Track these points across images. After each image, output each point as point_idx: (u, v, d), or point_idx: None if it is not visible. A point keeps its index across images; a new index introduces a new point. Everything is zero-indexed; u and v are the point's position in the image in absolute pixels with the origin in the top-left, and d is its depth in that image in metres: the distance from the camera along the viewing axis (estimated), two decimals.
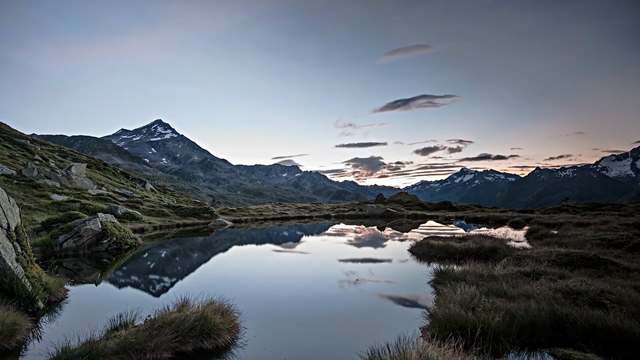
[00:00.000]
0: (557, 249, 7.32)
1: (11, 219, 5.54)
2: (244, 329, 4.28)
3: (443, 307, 4.15)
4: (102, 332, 3.78)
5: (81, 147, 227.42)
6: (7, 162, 23.49)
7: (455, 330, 3.63)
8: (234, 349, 3.81)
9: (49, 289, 5.33)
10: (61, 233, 9.72)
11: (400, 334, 3.36)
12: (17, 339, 3.86)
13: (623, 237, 8.90)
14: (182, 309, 4.17)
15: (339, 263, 8.74)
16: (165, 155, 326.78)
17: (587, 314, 3.78)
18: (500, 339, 3.56)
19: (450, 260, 8.33)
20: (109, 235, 10.28)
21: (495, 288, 4.86)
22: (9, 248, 5.11)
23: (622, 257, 7.20)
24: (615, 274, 5.78)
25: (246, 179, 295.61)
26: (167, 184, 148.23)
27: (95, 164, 38.95)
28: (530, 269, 5.90)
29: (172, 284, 6.91)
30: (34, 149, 31.87)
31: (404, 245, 11.59)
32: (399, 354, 2.96)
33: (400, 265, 8.52)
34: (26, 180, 18.56)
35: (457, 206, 31.61)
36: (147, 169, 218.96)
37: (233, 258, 10.09)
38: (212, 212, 21.35)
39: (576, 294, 4.48)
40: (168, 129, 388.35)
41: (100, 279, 7.14)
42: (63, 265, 8.26)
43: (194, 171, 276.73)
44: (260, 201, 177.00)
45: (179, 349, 3.63)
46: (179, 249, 11.65)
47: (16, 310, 4.24)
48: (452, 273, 6.04)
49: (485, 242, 9.08)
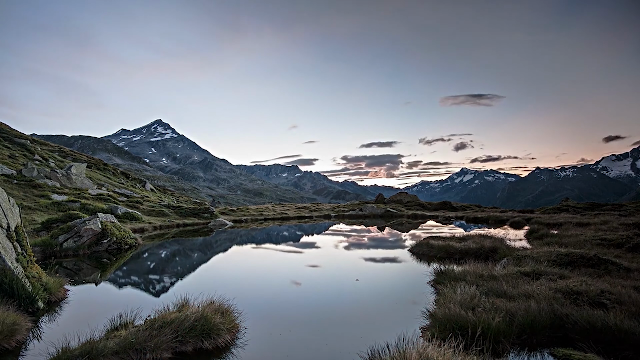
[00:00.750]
0: (557, 249, 7.32)
1: (11, 219, 5.54)
2: (244, 329, 4.28)
3: (443, 307, 4.14)
4: (102, 332, 3.77)
5: (81, 147, 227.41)
6: (7, 162, 23.49)
7: (455, 330, 3.63)
8: (234, 349, 3.81)
9: (49, 289, 5.33)
10: (61, 233, 9.72)
11: (400, 334, 3.36)
12: (17, 339, 3.85)
13: (623, 237, 8.90)
14: (182, 309, 4.17)
15: (339, 263, 8.74)
16: (165, 155, 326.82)
17: (587, 314, 3.77)
18: (500, 339, 3.56)
19: (450, 260, 8.33)
20: (109, 235, 10.28)
21: (495, 288, 4.86)
22: (9, 248, 5.11)
23: (622, 257, 7.20)
24: (616, 274, 5.78)
25: (246, 179, 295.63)
26: (167, 184, 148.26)
27: (95, 164, 38.96)
28: (530, 269, 5.89)
29: (172, 284, 6.91)
30: (34, 149, 31.87)
31: (404, 245, 11.59)
32: (399, 354, 2.96)
33: (400, 265, 8.51)
34: (26, 180, 18.56)
35: (457, 206, 31.60)
36: (147, 169, 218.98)
37: (233, 258, 10.09)
38: (212, 212, 21.35)
39: (576, 294, 4.48)
40: (168, 129, 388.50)
41: (100, 279, 7.14)
42: (63, 265, 8.26)
43: (194, 171, 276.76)
44: (260, 201, 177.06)
45: (179, 349, 3.63)
46: (179, 249, 11.65)
47: (16, 310, 4.24)
48: (452, 273, 6.04)
49: (485, 242, 9.07)
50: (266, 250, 11.23)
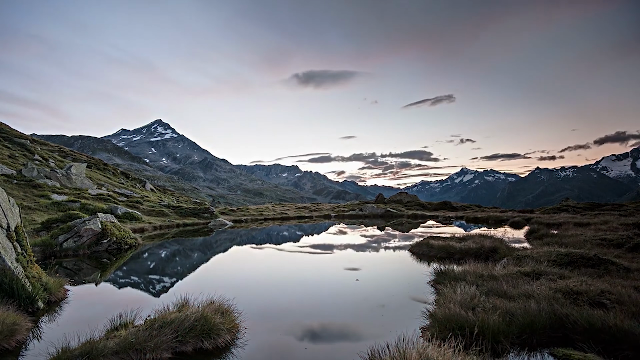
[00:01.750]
0: (557, 249, 7.32)
1: (11, 219, 5.54)
2: (244, 329, 4.28)
3: (443, 307, 4.14)
4: (102, 332, 3.77)
5: (81, 147, 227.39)
6: (7, 162, 23.49)
7: (455, 330, 3.63)
8: (234, 349, 3.80)
9: (49, 289, 5.32)
10: (61, 233, 9.72)
11: (400, 334, 3.36)
12: (17, 339, 3.85)
13: (623, 237, 8.90)
14: (182, 308, 4.17)
15: (338, 263, 8.74)
16: (165, 155, 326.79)
17: (587, 314, 3.77)
18: (500, 339, 3.56)
19: (450, 260, 8.33)
20: (109, 235, 10.28)
21: (496, 288, 4.86)
22: (9, 248, 5.11)
23: (622, 257, 7.20)
24: (616, 274, 5.78)
25: (246, 179, 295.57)
26: (167, 184, 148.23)
27: (95, 164, 38.95)
28: (530, 268, 5.89)
29: (172, 284, 6.91)
30: (34, 149, 31.86)
31: (404, 245, 11.59)
32: (399, 354, 2.96)
33: (400, 265, 8.51)
34: (26, 180, 18.56)
35: (457, 206, 31.61)
36: (147, 169, 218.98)
37: (233, 258, 10.09)
38: (212, 212, 21.35)
39: (576, 293, 4.48)
40: (168, 129, 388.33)
41: (100, 279, 7.14)
42: (63, 265, 8.26)
43: (194, 171, 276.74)
44: (260, 201, 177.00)
45: (179, 349, 3.62)
46: (178, 249, 11.65)
47: (16, 310, 4.24)
48: (452, 273, 6.04)
49: (485, 242, 9.07)
50: (266, 250, 11.23)
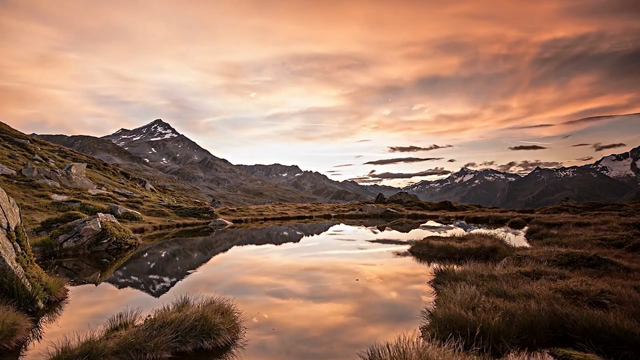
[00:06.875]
0: (557, 249, 7.32)
1: (11, 219, 5.54)
2: (244, 329, 4.28)
3: (443, 307, 4.14)
4: (102, 332, 3.77)
5: (81, 147, 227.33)
6: (7, 162, 23.48)
7: (455, 330, 3.63)
8: (234, 349, 3.81)
9: (49, 289, 5.33)
10: (61, 233, 9.72)
11: (400, 334, 3.36)
12: (17, 339, 3.85)
13: (623, 237, 8.90)
14: (182, 308, 4.17)
15: (338, 263, 8.74)
16: (165, 155, 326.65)
17: (587, 313, 3.77)
18: (500, 339, 3.56)
19: (450, 260, 8.33)
20: (109, 235, 10.28)
21: (496, 288, 4.86)
22: (9, 248, 5.11)
23: (623, 257, 7.19)
24: (616, 274, 5.78)
25: (246, 179, 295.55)
26: (167, 184, 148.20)
27: (95, 163, 38.95)
28: (530, 268, 5.89)
29: (172, 284, 6.91)
30: (34, 148, 31.86)
31: (404, 245, 11.59)
32: (399, 354, 2.96)
33: (400, 265, 8.51)
34: (26, 180, 18.56)
35: (457, 206, 31.60)
36: (147, 169, 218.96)
37: (233, 258, 10.08)
38: (212, 212, 21.35)
39: (576, 293, 4.48)
40: (168, 129, 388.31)
41: (100, 279, 7.14)
42: (63, 265, 8.26)
43: (194, 171, 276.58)
44: (260, 201, 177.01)
45: (179, 349, 3.63)
46: (178, 249, 11.65)
47: (16, 310, 4.24)
48: (452, 273, 6.04)
49: (485, 242, 9.07)
50: (266, 250, 11.23)
